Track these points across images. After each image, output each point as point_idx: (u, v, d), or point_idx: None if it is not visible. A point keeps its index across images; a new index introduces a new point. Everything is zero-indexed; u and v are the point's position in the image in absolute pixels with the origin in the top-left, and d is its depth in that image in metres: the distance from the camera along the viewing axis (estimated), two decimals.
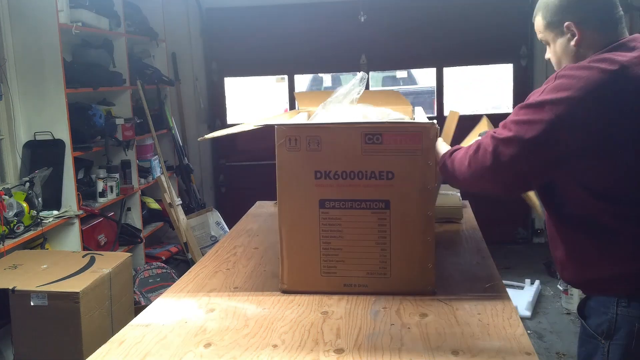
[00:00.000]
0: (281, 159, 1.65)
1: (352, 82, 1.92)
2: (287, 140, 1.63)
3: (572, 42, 1.51)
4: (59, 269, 2.85)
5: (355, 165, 1.62)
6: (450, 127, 2.10)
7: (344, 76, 8.57)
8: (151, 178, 4.71)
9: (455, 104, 6.87)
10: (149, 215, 4.76)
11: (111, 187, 4.05)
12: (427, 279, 1.66)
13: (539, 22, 1.61)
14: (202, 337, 1.46)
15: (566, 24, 1.51)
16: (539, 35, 1.63)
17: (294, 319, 1.54)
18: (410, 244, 1.64)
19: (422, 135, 1.58)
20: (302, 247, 1.69)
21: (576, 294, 3.82)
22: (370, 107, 1.88)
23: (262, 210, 2.93)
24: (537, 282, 4.24)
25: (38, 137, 3.59)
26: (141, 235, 4.42)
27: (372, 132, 1.59)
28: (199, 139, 2.25)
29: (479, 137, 1.59)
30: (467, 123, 2.22)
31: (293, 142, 1.63)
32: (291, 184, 1.67)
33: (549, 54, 1.62)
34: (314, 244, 1.68)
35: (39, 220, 3.32)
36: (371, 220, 1.64)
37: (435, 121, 1.59)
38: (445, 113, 5.28)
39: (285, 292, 1.72)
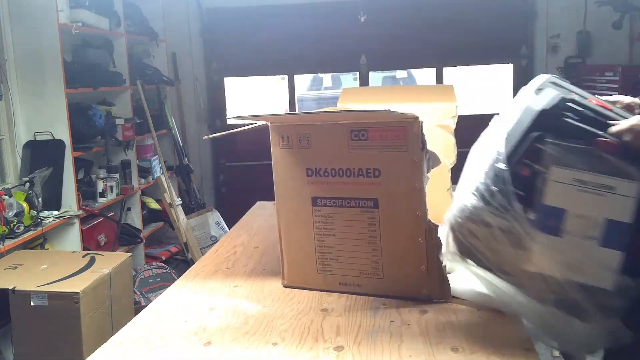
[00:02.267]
0: (276, 156, 1.65)
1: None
2: (280, 137, 1.63)
3: None
4: (59, 269, 2.85)
5: (342, 163, 1.59)
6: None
7: (344, 76, 8.57)
8: (151, 178, 4.71)
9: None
10: (149, 215, 4.77)
11: (111, 187, 4.05)
12: (420, 283, 1.57)
13: None
14: (202, 336, 1.46)
15: None
16: None
17: (294, 317, 1.54)
18: (401, 244, 1.58)
19: (407, 130, 1.52)
20: (298, 244, 1.69)
21: None
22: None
23: (262, 210, 2.93)
24: None
25: (38, 137, 3.59)
26: (141, 235, 4.42)
27: (358, 128, 1.56)
28: (204, 137, 2.26)
29: None
30: (466, 123, 2.22)
31: (286, 140, 1.63)
32: (286, 181, 1.66)
33: None
34: (309, 241, 1.66)
35: (39, 220, 3.32)
36: (361, 219, 1.60)
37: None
38: None
39: (286, 287, 1.72)
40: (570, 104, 1.22)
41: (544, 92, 1.28)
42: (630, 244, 1.20)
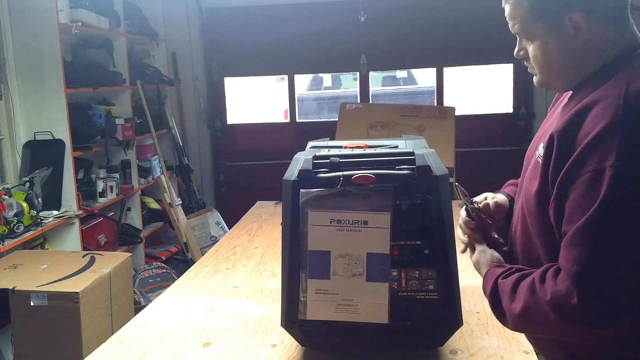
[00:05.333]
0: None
1: None
2: None
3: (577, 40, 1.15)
4: (59, 269, 2.86)
5: None
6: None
7: (344, 76, 8.57)
8: (151, 178, 4.71)
9: (455, 104, 6.85)
10: (149, 215, 4.76)
11: (111, 187, 4.05)
12: None
13: (520, 7, 1.25)
14: (201, 336, 1.46)
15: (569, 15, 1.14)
16: (516, 26, 1.28)
17: None
18: None
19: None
20: None
21: None
22: None
23: (262, 210, 2.94)
24: None
25: (38, 137, 3.59)
26: (141, 235, 4.42)
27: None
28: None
29: None
30: (466, 122, 2.22)
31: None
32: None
33: (522, 50, 1.28)
34: None
35: (39, 220, 3.32)
36: None
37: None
38: None
39: None
40: (318, 161, 1.26)
41: (292, 162, 1.30)
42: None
